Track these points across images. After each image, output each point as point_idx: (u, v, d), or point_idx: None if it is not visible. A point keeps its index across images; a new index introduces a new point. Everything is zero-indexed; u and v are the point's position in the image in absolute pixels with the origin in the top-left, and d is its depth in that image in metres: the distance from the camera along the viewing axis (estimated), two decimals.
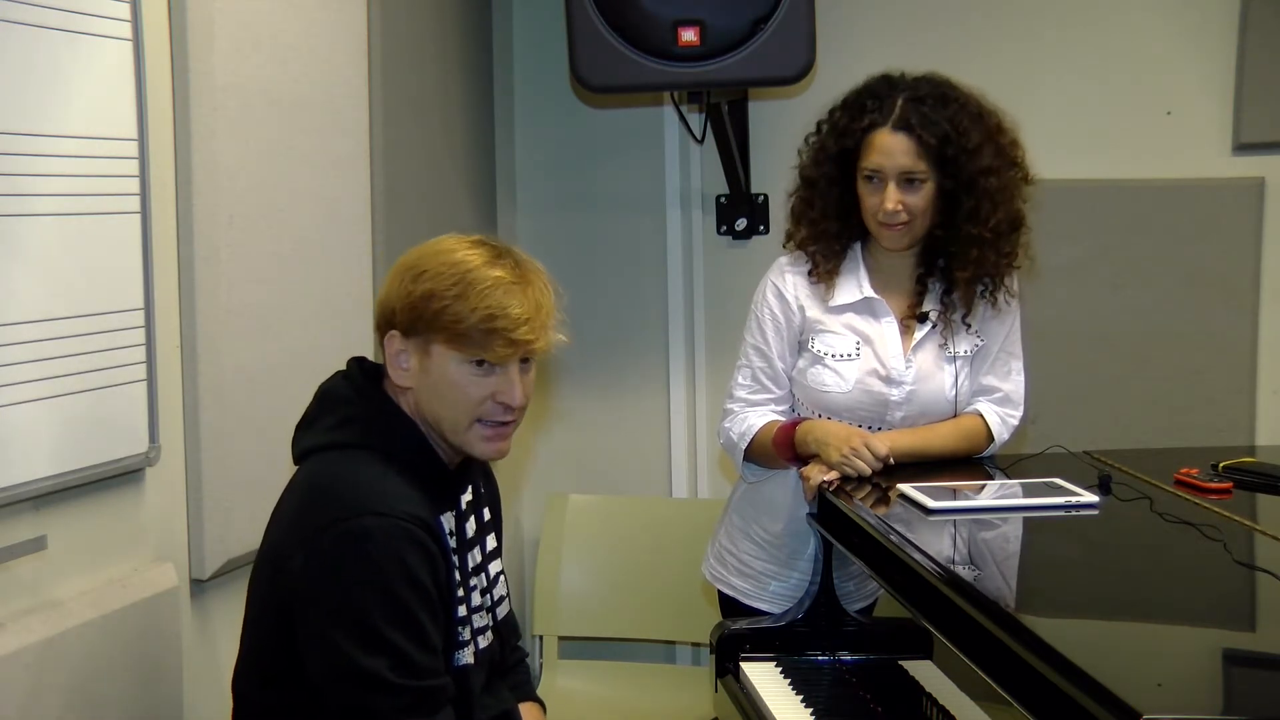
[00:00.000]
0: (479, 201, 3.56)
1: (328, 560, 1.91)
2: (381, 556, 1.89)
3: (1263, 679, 1.72)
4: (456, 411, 2.01)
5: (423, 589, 1.93)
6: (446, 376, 1.99)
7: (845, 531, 2.45)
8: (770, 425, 2.62)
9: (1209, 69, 3.48)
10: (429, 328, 1.98)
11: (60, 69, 2.11)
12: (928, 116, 2.52)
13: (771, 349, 2.66)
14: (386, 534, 1.90)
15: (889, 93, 2.56)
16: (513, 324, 1.96)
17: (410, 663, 1.91)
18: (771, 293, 2.67)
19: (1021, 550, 2.29)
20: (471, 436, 2.02)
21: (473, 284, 1.96)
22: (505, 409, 2.01)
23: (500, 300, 1.96)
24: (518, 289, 1.98)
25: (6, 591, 2.08)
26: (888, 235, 2.58)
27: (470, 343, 1.97)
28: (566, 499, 3.68)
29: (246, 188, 2.51)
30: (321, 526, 1.92)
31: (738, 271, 3.69)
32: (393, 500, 1.94)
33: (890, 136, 2.53)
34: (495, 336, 1.96)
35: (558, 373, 3.89)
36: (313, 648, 1.93)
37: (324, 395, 2.10)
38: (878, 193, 2.55)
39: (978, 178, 2.52)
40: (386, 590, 1.89)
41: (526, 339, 1.97)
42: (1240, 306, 3.48)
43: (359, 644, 1.89)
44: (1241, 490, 2.44)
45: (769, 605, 2.72)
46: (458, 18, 3.43)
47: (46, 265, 2.10)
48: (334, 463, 2.01)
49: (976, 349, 2.65)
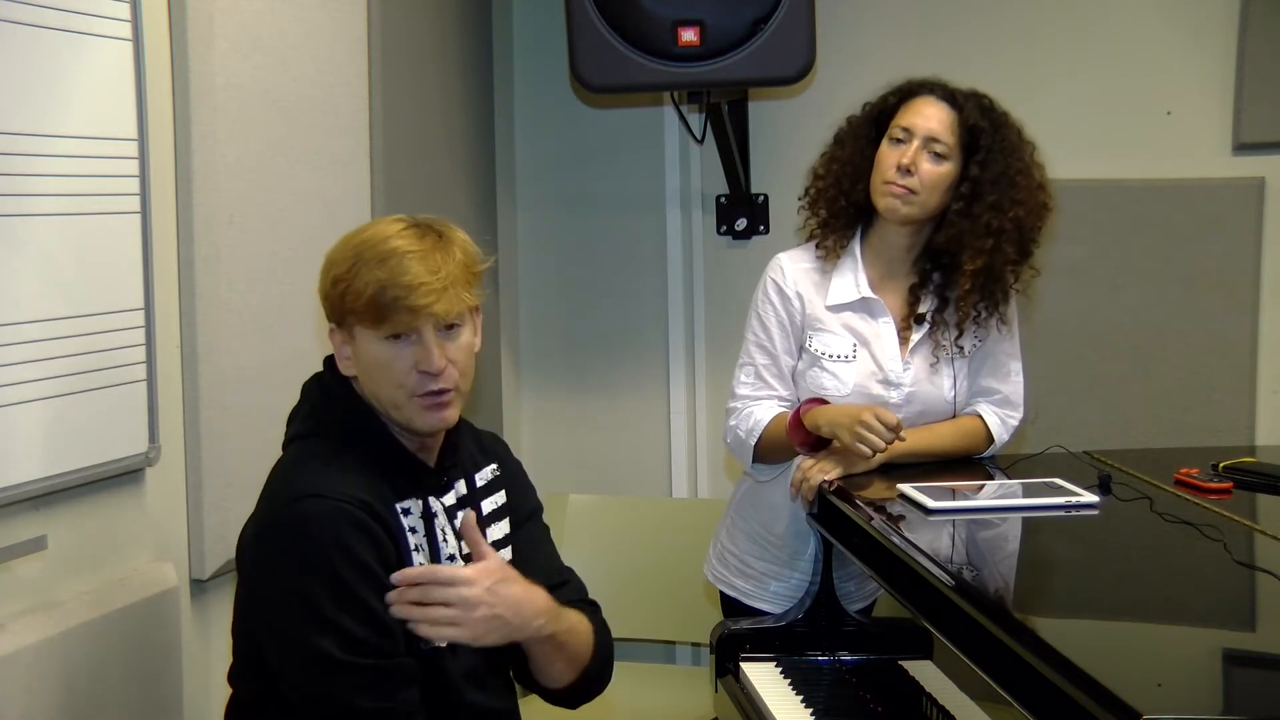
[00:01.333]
0: (479, 201, 3.56)
1: (270, 549, 1.93)
2: (320, 539, 1.89)
3: (1263, 679, 1.72)
4: (389, 389, 2.00)
5: (366, 569, 1.92)
6: (370, 356, 1.99)
7: (845, 531, 2.45)
8: (779, 416, 2.61)
9: (1209, 69, 3.48)
10: (344, 312, 2.00)
11: (60, 69, 2.11)
12: (973, 100, 2.58)
13: (776, 345, 2.65)
14: (324, 516, 1.90)
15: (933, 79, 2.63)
16: (406, 290, 1.94)
17: (358, 641, 1.90)
18: (773, 288, 2.66)
19: (1021, 550, 2.29)
20: (410, 411, 2.01)
21: (366, 259, 1.96)
22: (429, 377, 1.99)
23: (392, 270, 1.95)
24: (413, 255, 1.96)
25: (6, 591, 2.08)
26: (888, 198, 2.56)
27: (374, 317, 1.96)
28: (566, 499, 3.68)
29: (246, 188, 2.51)
30: (266, 516, 1.96)
31: (738, 271, 3.69)
32: (332, 483, 1.94)
33: (933, 103, 2.57)
34: (393, 306, 1.95)
35: (559, 372, 3.89)
36: (269, 639, 1.94)
37: (302, 389, 2.12)
38: (898, 150, 2.55)
39: (1009, 171, 2.54)
40: (328, 572, 1.89)
41: (423, 303, 1.95)
42: (1240, 306, 3.48)
43: (307, 628, 1.88)
44: (1241, 490, 2.44)
45: (770, 605, 2.72)
46: (458, 18, 3.43)
47: (46, 265, 2.10)
48: (290, 454, 2.03)
49: (975, 349, 2.65)
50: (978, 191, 2.54)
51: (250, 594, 1.99)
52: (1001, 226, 2.53)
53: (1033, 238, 2.59)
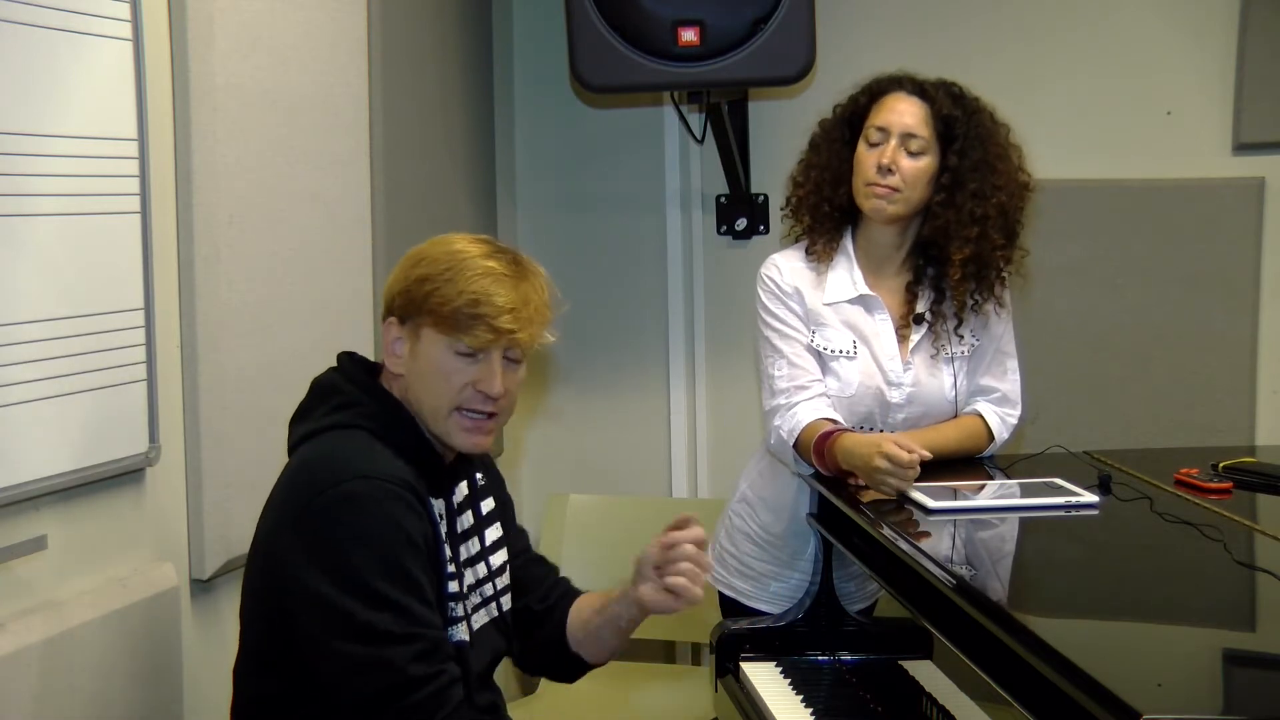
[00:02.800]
0: (479, 201, 3.56)
1: (318, 527, 1.93)
2: (372, 516, 1.91)
3: (1263, 679, 1.72)
4: (438, 397, 2.02)
5: (415, 546, 1.95)
6: (432, 361, 2.01)
7: (845, 531, 2.45)
8: (816, 425, 2.52)
9: (1209, 69, 3.48)
10: (419, 311, 2.01)
11: (60, 69, 2.11)
12: (944, 89, 2.57)
13: (796, 328, 2.61)
14: (374, 494, 1.92)
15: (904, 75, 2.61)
16: (496, 311, 1.98)
17: (413, 614, 1.92)
18: (773, 286, 2.64)
19: (1021, 550, 2.29)
20: (451, 425, 2.03)
21: (462, 269, 2.00)
22: (484, 398, 2.02)
23: (487, 287, 1.99)
24: (508, 280, 2.01)
25: (6, 591, 2.08)
26: (873, 199, 2.55)
27: (455, 326, 1.99)
28: (566, 499, 3.68)
29: (246, 188, 2.51)
30: (309, 498, 1.95)
31: (738, 271, 3.69)
32: (379, 465, 1.96)
33: (904, 99, 2.57)
34: (479, 322, 1.98)
35: (558, 372, 3.89)
36: (313, 615, 1.93)
37: (317, 387, 2.12)
38: (876, 151, 2.55)
39: (987, 158, 2.54)
40: (380, 548, 1.91)
41: (509, 327, 1.99)
42: (1240, 306, 3.48)
43: (361, 602, 1.89)
44: (1241, 490, 2.44)
45: (769, 606, 2.72)
46: (458, 18, 3.43)
47: (47, 265, 2.10)
48: (323, 443, 2.03)
49: (973, 348, 2.65)
50: (959, 180, 2.54)
51: (282, 577, 1.96)
52: (985, 213, 2.53)
53: (1018, 219, 2.59)
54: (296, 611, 1.95)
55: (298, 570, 1.94)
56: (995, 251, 2.56)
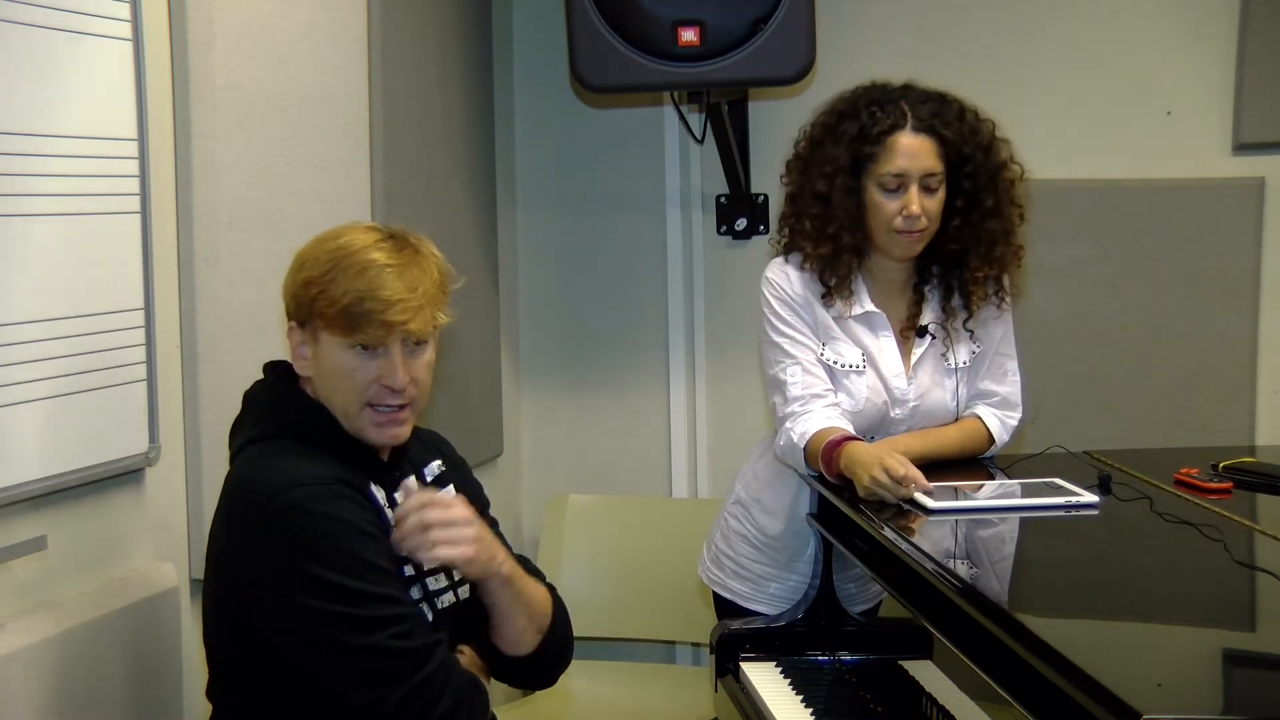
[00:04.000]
0: (479, 201, 3.56)
1: (269, 543, 1.92)
2: (317, 517, 1.91)
3: (1263, 679, 1.72)
4: (345, 397, 2.01)
5: (367, 534, 1.94)
6: (333, 362, 2.01)
7: (845, 532, 2.45)
8: (824, 433, 2.48)
9: (1209, 69, 3.48)
10: (311, 314, 2.01)
11: (60, 69, 2.11)
12: (943, 117, 2.51)
13: (809, 337, 2.58)
14: (316, 497, 1.92)
15: (890, 98, 2.54)
16: (383, 305, 1.96)
17: (389, 598, 1.93)
18: (783, 290, 2.60)
19: (1021, 550, 2.29)
20: (363, 421, 2.03)
21: (344, 268, 1.98)
22: (390, 392, 2.01)
23: (370, 282, 1.97)
24: (392, 270, 1.98)
25: (6, 591, 2.08)
26: (904, 243, 2.53)
27: (346, 326, 1.98)
28: (566, 499, 3.68)
29: (246, 188, 2.51)
30: (251, 516, 1.94)
31: (738, 271, 3.69)
32: (311, 471, 1.95)
33: (913, 138, 2.50)
34: (367, 319, 1.97)
35: (559, 372, 3.89)
36: (295, 629, 1.93)
37: (246, 398, 2.12)
38: (897, 198, 2.50)
39: (999, 172, 2.53)
40: (335, 545, 1.91)
41: (399, 319, 1.97)
42: (1240, 306, 3.48)
43: (336, 601, 1.89)
44: (1241, 490, 2.44)
45: (768, 607, 2.71)
46: (458, 17, 3.43)
47: (46, 265, 2.10)
48: (252, 455, 2.03)
49: (974, 356, 2.64)
50: (975, 201, 2.53)
51: (246, 597, 1.96)
52: (1005, 229, 2.55)
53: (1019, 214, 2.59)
54: (273, 629, 1.95)
55: (262, 589, 1.93)
56: (1009, 254, 2.58)
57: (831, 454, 2.45)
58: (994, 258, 2.55)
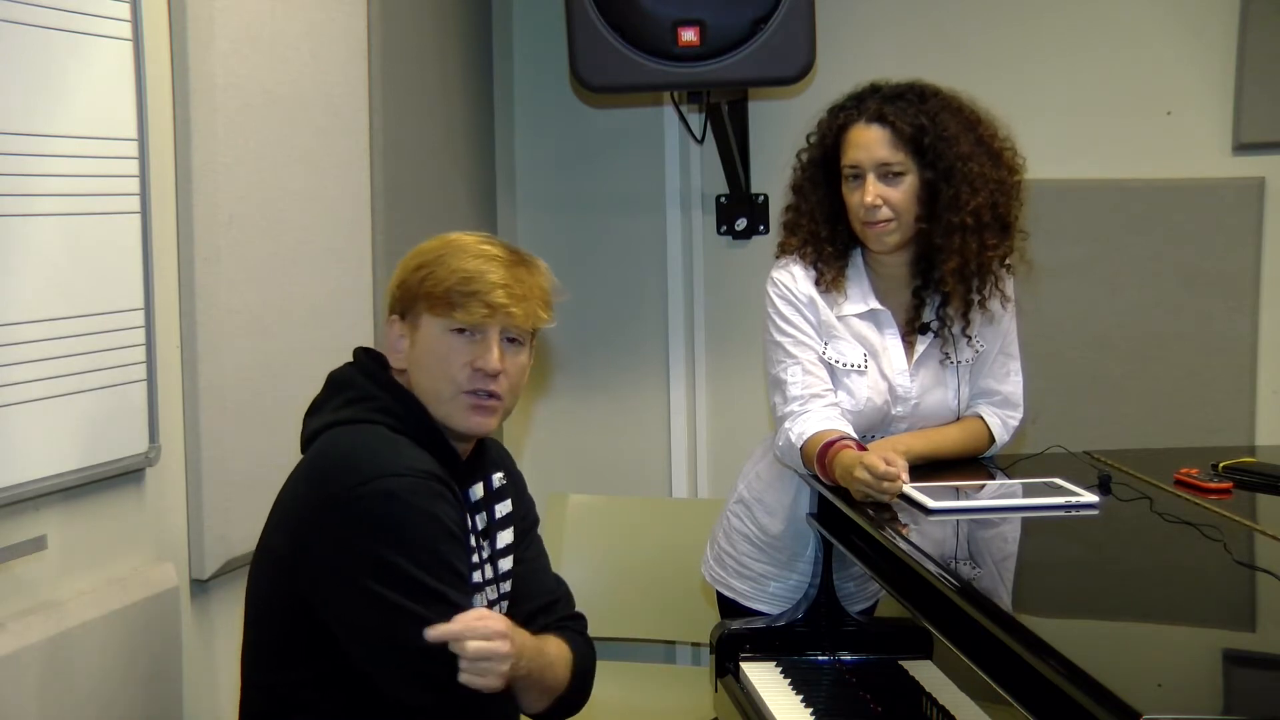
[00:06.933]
0: (479, 201, 3.56)
1: (354, 524, 1.92)
2: (411, 512, 1.92)
3: (1263, 679, 1.72)
4: (438, 380, 2.03)
5: (454, 537, 1.97)
6: (430, 345, 2.04)
7: (845, 532, 2.45)
8: (821, 435, 2.48)
9: (1209, 69, 3.48)
10: (416, 298, 2.05)
11: (60, 69, 2.11)
12: (903, 109, 2.52)
13: (811, 337, 2.58)
14: (411, 491, 1.93)
15: (869, 95, 2.58)
16: (490, 286, 2.01)
17: (456, 604, 1.94)
18: (787, 293, 2.60)
19: (1021, 550, 2.29)
20: (455, 406, 2.04)
21: (455, 252, 2.04)
22: (484, 376, 2.02)
23: (479, 266, 2.02)
24: (500, 262, 2.04)
25: (6, 591, 2.08)
26: (872, 235, 2.54)
27: (449, 304, 2.01)
28: (566, 499, 3.68)
29: (246, 188, 2.52)
30: (338, 496, 1.94)
31: (738, 271, 3.70)
32: (408, 460, 1.97)
33: (865, 129, 2.53)
34: (472, 298, 2.00)
35: (559, 372, 3.89)
36: (358, 611, 1.93)
37: (333, 381, 2.13)
38: (858, 189, 2.53)
39: (956, 164, 2.49)
40: (421, 542, 1.92)
41: (503, 302, 2.01)
42: (1240, 306, 3.48)
43: (406, 596, 1.90)
44: (1241, 490, 2.44)
45: (768, 606, 2.71)
46: (458, 18, 3.43)
47: (46, 265, 2.10)
48: (341, 436, 2.03)
49: (976, 355, 2.64)
50: (934, 193, 2.51)
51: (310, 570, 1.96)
52: (963, 221, 2.49)
53: (1008, 211, 2.55)
54: (334, 606, 1.95)
55: (334, 566, 1.93)
56: (986, 252, 2.52)
57: (824, 457, 2.45)
58: (953, 249, 2.51)
